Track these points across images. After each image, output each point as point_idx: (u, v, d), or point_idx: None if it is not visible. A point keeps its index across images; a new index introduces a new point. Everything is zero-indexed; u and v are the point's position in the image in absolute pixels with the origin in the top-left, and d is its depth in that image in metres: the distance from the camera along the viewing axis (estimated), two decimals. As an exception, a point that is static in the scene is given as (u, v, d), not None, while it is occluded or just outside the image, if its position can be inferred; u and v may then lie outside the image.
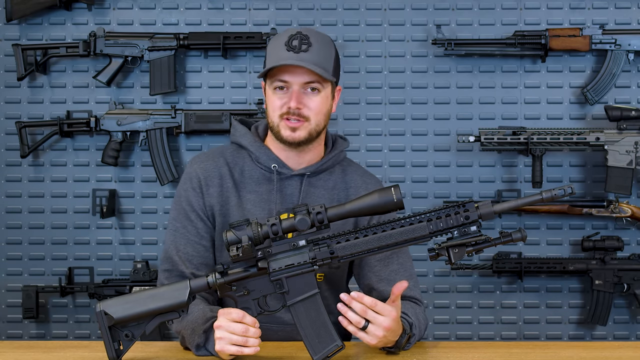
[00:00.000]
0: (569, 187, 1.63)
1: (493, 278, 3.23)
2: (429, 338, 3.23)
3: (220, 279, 1.71)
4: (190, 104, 3.27)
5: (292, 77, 1.90)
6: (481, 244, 1.67)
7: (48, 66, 3.28)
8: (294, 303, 1.71)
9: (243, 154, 2.02)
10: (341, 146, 2.05)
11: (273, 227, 1.69)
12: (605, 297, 3.11)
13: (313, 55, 1.89)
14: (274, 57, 1.90)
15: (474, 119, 3.24)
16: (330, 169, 2.03)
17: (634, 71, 3.20)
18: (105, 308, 1.71)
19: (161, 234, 3.28)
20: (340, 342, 1.71)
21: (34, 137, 3.26)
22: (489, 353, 1.83)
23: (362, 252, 1.70)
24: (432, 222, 1.67)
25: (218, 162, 2.00)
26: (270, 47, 1.94)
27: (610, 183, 3.06)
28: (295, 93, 1.90)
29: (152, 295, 1.72)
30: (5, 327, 3.31)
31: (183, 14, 3.29)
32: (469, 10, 3.24)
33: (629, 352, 1.86)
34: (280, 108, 1.91)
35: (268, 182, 1.98)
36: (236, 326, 1.69)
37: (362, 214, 1.70)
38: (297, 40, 1.89)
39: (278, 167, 1.97)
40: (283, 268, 1.71)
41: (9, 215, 3.31)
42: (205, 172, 1.99)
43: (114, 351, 1.71)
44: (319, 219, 1.68)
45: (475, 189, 3.24)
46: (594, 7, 3.22)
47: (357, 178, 2.05)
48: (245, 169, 2.00)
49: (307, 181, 1.98)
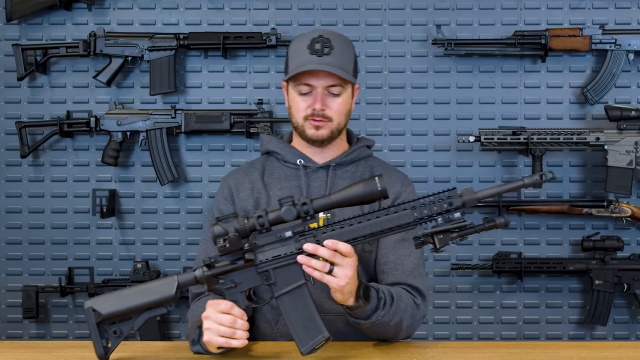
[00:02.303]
0: (549, 173, 1.66)
1: (493, 278, 3.23)
2: (429, 338, 3.23)
3: (207, 272, 1.72)
4: (190, 104, 3.28)
5: (316, 80, 1.99)
6: (465, 230, 1.69)
7: (48, 66, 3.29)
8: (281, 294, 1.72)
9: (271, 159, 2.13)
10: (366, 142, 2.14)
11: (259, 219, 1.70)
12: (605, 297, 3.11)
13: (335, 59, 1.98)
14: (297, 61, 1.99)
15: (474, 119, 3.24)
16: (355, 162, 2.10)
17: (634, 71, 3.20)
18: (93, 304, 1.72)
19: (161, 234, 3.28)
20: (327, 334, 1.71)
21: (34, 137, 3.26)
22: (489, 353, 1.83)
23: (349, 240, 1.71)
24: (417, 210, 1.69)
25: (248, 171, 2.11)
26: (293, 50, 2.02)
27: (610, 183, 3.06)
28: (320, 95, 1.99)
29: (140, 291, 1.73)
30: (5, 327, 3.31)
31: (183, 14, 3.29)
32: (469, 10, 3.24)
33: (629, 352, 1.86)
34: (305, 110, 2.01)
35: (296, 178, 2.06)
36: (224, 317, 1.70)
37: (347, 204, 1.71)
38: (320, 43, 1.98)
39: (304, 161, 2.06)
40: (270, 259, 1.72)
41: (9, 215, 3.31)
42: (236, 180, 2.10)
43: (102, 348, 1.71)
44: (304, 209, 1.70)
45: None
46: (594, 7, 3.22)
47: (385, 171, 2.09)
48: (274, 171, 2.09)
49: (332, 173, 2.05)
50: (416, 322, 1.94)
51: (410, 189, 2.11)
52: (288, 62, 2.04)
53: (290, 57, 2.03)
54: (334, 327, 1.96)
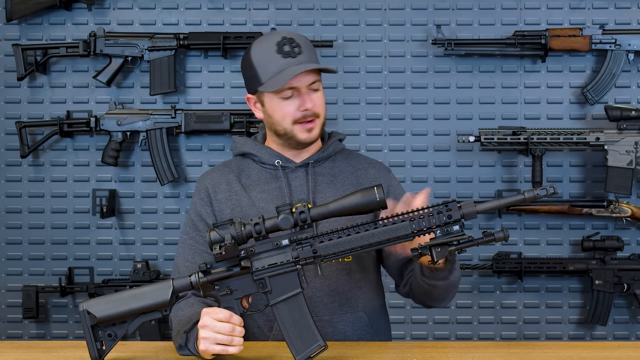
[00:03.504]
0: (551, 187, 1.63)
1: (493, 278, 3.23)
2: (429, 338, 3.23)
3: (203, 278, 1.71)
4: (190, 104, 3.28)
5: (298, 81, 1.93)
6: (464, 243, 1.67)
7: (48, 66, 3.29)
8: (277, 302, 1.71)
9: (247, 161, 2.07)
10: (338, 136, 2.11)
11: (256, 226, 1.69)
12: (605, 297, 3.11)
13: (309, 55, 1.95)
14: (273, 69, 1.91)
15: (474, 119, 3.24)
16: (332, 157, 2.07)
17: (634, 71, 3.20)
18: (88, 307, 1.71)
19: (161, 234, 3.28)
20: (323, 342, 1.70)
21: (34, 137, 3.26)
22: (489, 353, 1.83)
23: (345, 251, 1.70)
24: (415, 222, 1.67)
25: (224, 171, 2.06)
26: (258, 58, 1.94)
27: (610, 183, 3.06)
28: (306, 95, 1.94)
29: (135, 295, 1.73)
30: (5, 327, 3.31)
31: (183, 14, 3.29)
32: (469, 10, 3.24)
33: (629, 352, 1.86)
34: (293, 114, 1.95)
35: (275, 179, 2.01)
36: (222, 326, 1.69)
37: (345, 213, 1.70)
38: (287, 45, 1.92)
39: (281, 162, 2.01)
40: (266, 267, 1.70)
41: (9, 215, 3.31)
42: (212, 181, 2.04)
43: (96, 351, 1.71)
44: (302, 218, 1.68)
45: (475, 189, 3.24)
46: (594, 7, 3.21)
47: (362, 160, 2.10)
48: (252, 173, 2.04)
49: (312, 171, 2.02)
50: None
51: (391, 174, 2.11)
52: (257, 73, 1.94)
53: (258, 66, 1.94)
54: (333, 328, 1.96)
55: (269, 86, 1.93)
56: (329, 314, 1.95)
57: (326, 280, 1.97)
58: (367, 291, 2.02)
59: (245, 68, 1.99)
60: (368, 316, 2.01)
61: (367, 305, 2.02)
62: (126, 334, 1.74)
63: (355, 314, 1.99)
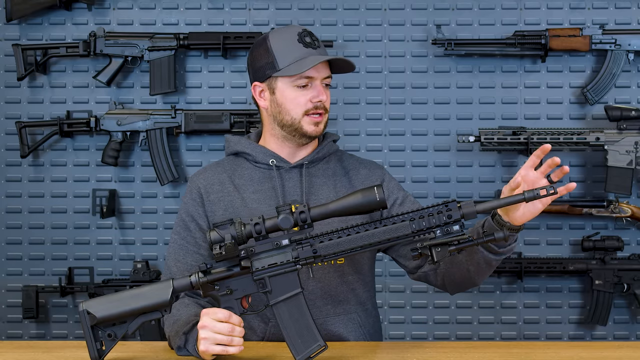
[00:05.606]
0: (551, 187, 1.65)
1: (493, 278, 3.23)
2: (429, 338, 3.23)
3: (203, 278, 1.71)
4: (190, 104, 3.27)
5: (317, 72, 1.94)
6: (464, 243, 1.67)
7: (48, 66, 3.29)
8: (277, 302, 1.71)
9: (240, 161, 2.05)
10: (332, 137, 2.10)
11: (256, 226, 1.69)
12: (605, 297, 3.11)
13: (324, 51, 1.98)
14: (294, 55, 1.92)
15: (474, 119, 3.24)
16: (326, 158, 2.06)
17: (634, 71, 3.20)
18: (88, 307, 1.71)
19: (161, 234, 3.28)
20: (323, 342, 1.70)
21: (34, 137, 3.26)
22: (489, 353, 1.83)
23: (346, 251, 1.70)
24: (415, 222, 1.67)
25: (216, 171, 2.04)
26: (277, 45, 1.94)
27: (610, 183, 3.06)
28: (321, 87, 1.95)
29: (135, 295, 1.73)
30: (5, 327, 3.31)
31: (183, 14, 3.29)
32: (469, 10, 3.24)
33: (629, 352, 1.86)
34: (305, 104, 1.95)
35: (269, 179, 2.00)
36: (222, 326, 1.69)
37: (345, 213, 1.70)
38: (309, 37, 1.95)
39: (276, 161, 2.00)
40: (266, 267, 1.70)
41: (9, 215, 3.31)
42: (205, 181, 2.02)
43: (95, 351, 1.71)
44: (302, 218, 1.68)
45: (475, 189, 3.24)
46: (594, 7, 3.22)
47: (354, 162, 2.10)
48: (245, 173, 2.02)
49: (306, 172, 2.01)
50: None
51: (384, 171, 2.10)
52: (275, 58, 1.93)
53: (276, 52, 1.93)
54: (333, 328, 1.96)
55: (289, 71, 1.92)
56: (322, 317, 1.95)
57: (319, 283, 1.96)
58: (361, 293, 2.02)
59: (258, 55, 1.97)
60: (360, 317, 2.01)
61: (360, 307, 2.02)
62: (126, 334, 1.74)
63: (349, 316, 1.99)
